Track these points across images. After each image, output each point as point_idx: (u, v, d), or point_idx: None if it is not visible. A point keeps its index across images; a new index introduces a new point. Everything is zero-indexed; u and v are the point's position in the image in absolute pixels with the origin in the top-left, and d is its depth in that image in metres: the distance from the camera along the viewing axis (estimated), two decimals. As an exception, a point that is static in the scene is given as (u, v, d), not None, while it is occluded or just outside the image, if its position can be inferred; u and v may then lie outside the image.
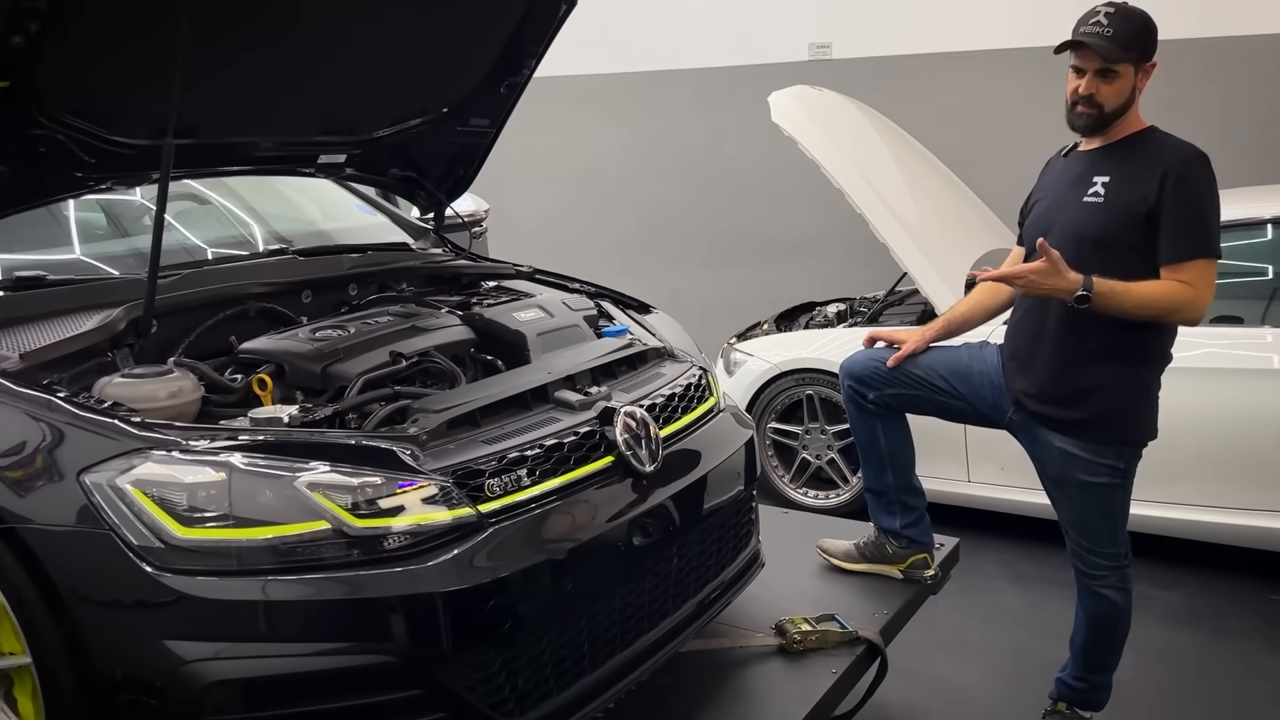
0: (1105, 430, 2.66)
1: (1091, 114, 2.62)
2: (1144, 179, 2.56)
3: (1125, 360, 2.64)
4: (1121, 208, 2.58)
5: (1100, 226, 2.60)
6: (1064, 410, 2.67)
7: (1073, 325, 2.64)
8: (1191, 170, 2.55)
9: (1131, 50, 2.56)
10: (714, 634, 2.72)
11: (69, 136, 2.39)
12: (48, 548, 1.94)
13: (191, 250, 3.03)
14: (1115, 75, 2.57)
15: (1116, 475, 2.69)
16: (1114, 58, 2.55)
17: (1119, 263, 2.58)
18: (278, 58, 2.65)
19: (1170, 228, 2.54)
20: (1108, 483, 2.69)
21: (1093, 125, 2.64)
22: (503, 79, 3.19)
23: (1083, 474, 2.68)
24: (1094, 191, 2.62)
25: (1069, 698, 2.93)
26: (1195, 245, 2.54)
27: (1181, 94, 5.40)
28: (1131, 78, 2.59)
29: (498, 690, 2.04)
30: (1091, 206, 2.63)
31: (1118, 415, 2.66)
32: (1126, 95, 2.60)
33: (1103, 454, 2.67)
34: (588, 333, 2.84)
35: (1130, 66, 2.58)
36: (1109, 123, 2.63)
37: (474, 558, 2.00)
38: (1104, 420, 2.66)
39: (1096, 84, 2.59)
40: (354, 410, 2.27)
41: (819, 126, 4.72)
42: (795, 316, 5.38)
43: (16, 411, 2.05)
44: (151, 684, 1.88)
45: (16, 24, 2.05)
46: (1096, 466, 2.67)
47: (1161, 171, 2.54)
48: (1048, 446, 2.75)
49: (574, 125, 7.55)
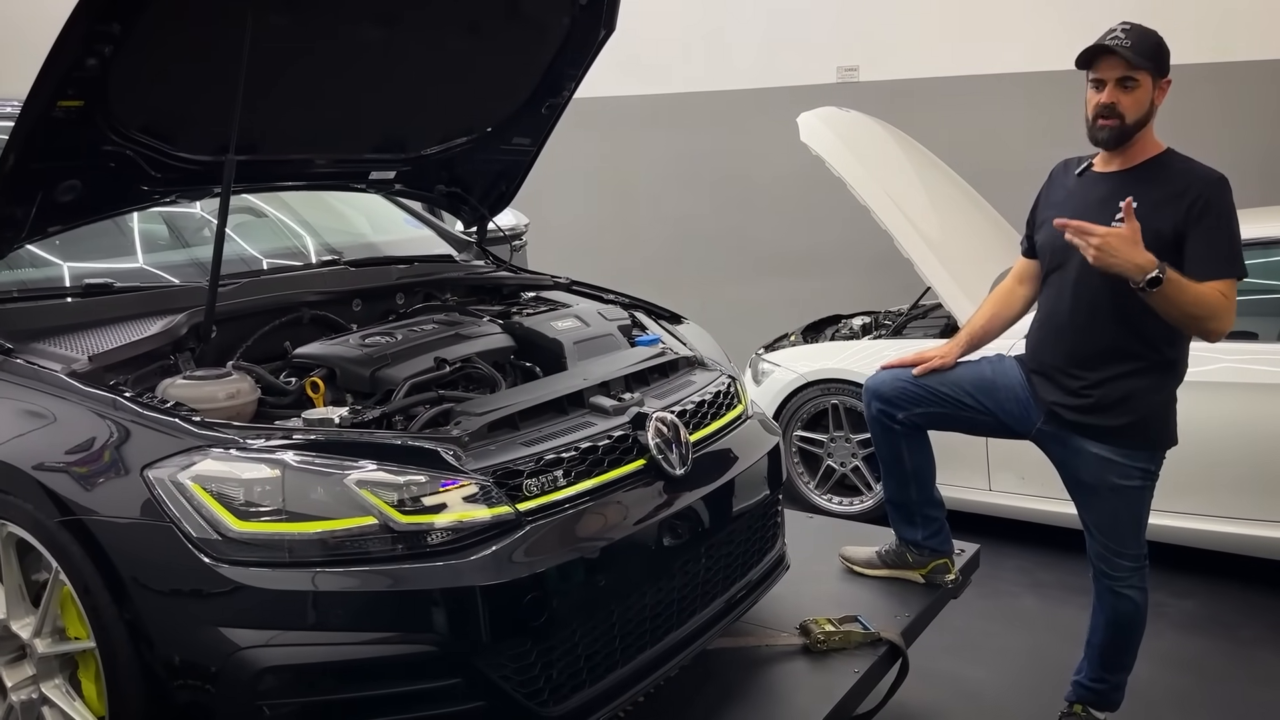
0: (1142, 435, 2.74)
1: (1113, 125, 2.67)
2: (1172, 204, 2.62)
3: (1161, 373, 2.74)
4: (1149, 232, 2.59)
5: None
6: (1104, 418, 2.73)
7: (1105, 345, 2.72)
8: (1218, 195, 2.62)
9: (1150, 60, 2.63)
10: (740, 633, 2.79)
11: (137, 152, 2.48)
12: (112, 538, 2.02)
13: (249, 260, 3.11)
14: (1135, 85, 2.64)
15: (1148, 478, 2.79)
16: (1135, 63, 2.61)
17: None
18: (333, 81, 2.74)
19: (1201, 249, 2.60)
20: (1140, 485, 2.78)
21: (1115, 137, 2.69)
22: (543, 100, 3.29)
23: (1117, 478, 2.75)
24: (1120, 217, 2.62)
25: (1086, 699, 2.98)
26: (1224, 265, 2.61)
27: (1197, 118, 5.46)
28: (1150, 89, 2.65)
29: (533, 680, 2.10)
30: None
31: (1152, 421, 2.74)
32: (1146, 107, 2.66)
33: (1136, 458, 2.75)
34: (621, 341, 2.91)
35: (1149, 77, 2.64)
36: (1130, 135, 2.68)
37: (512, 554, 2.06)
38: (1142, 426, 2.74)
39: (1117, 94, 2.65)
40: (400, 412, 2.35)
41: (846, 146, 4.79)
42: (822, 328, 5.46)
43: (85, 410, 2.14)
44: (207, 669, 1.94)
45: (92, 48, 2.14)
46: (1131, 470, 2.75)
47: (1190, 197, 2.61)
48: (1082, 453, 2.80)
49: (611, 144, 7.65)
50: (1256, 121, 6.05)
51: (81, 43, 2.13)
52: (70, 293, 2.61)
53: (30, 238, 2.47)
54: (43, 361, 2.29)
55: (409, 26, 2.74)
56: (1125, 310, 2.67)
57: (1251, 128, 6.04)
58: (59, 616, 2.20)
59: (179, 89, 2.47)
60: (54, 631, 2.22)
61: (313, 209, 3.60)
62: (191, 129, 2.56)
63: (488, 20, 2.91)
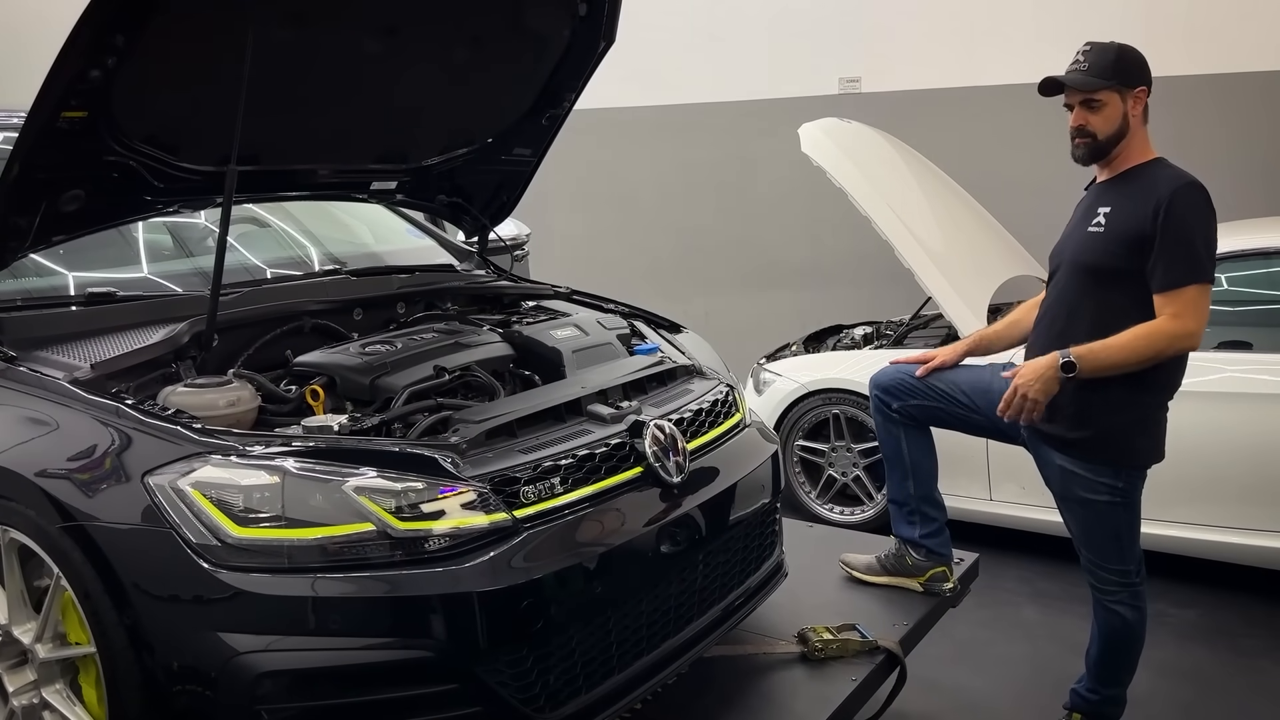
0: (1102, 450, 2.72)
1: (1086, 143, 2.74)
2: (1140, 208, 2.64)
3: (1125, 387, 2.69)
4: (1117, 236, 2.67)
5: (1098, 254, 2.70)
6: (1064, 429, 2.75)
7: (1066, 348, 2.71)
8: (1182, 198, 2.61)
9: (1111, 78, 2.67)
10: (738, 640, 2.81)
11: (140, 163, 2.50)
12: (113, 544, 2.03)
13: (251, 270, 3.13)
14: (1100, 104, 2.69)
15: (1117, 494, 2.75)
16: (1089, 87, 2.68)
17: (1117, 289, 2.67)
18: (335, 92, 2.77)
19: (1163, 256, 2.60)
20: (1108, 501, 2.75)
21: (1089, 154, 2.75)
22: (544, 111, 3.31)
23: (1082, 491, 2.76)
24: (1097, 222, 2.72)
25: (1083, 709, 2.98)
26: (1186, 272, 2.60)
27: (1191, 129, 5.50)
28: (1119, 105, 2.69)
29: (530, 686, 2.12)
30: (1093, 236, 2.73)
31: (1115, 438, 2.72)
32: (1118, 122, 2.70)
33: (1100, 473, 2.73)
34: (620, 350, 2.93)
35: (1114, 94, 2.68)
36: (1107, 150, 2.73)
37: (509, 560, 2.08)
38: (1101, 441, 2.72)
39: (1085, 115, 2.72)
40: (399, 420, 2.36)
41: (847, 157, 4.82)
42: (823, 339, 5.47)
43: (87, 417, 2.16)
44: (206, 674, 1.96)
45: (95, 59, 2.17)
46: (1095, 484, 2.74)
47: (1155, 200, 2.62)
48: (1050, 464, 2.83)
49: (612, 155, 7.69)
50: (1257, 133, 6.06)
51: (85, 54, 2.16)
52: (73, 302, 2.63)
53: (34, 247, 2.49)
54: (46, 369, 2.31)
55: (410, 38, 2.76)
56: (1099, 318, 2.70)
57: (1252, 139, 6.05)
58: (60, 622, 2.22)
59: (182, 100, 2.49)
60: (55, 637, 2.23)
61: (316, 219, 3.62)
62: (194, 140, 2.58)
63: (489, 32, 2.94)
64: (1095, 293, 2.66)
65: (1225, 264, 4.14)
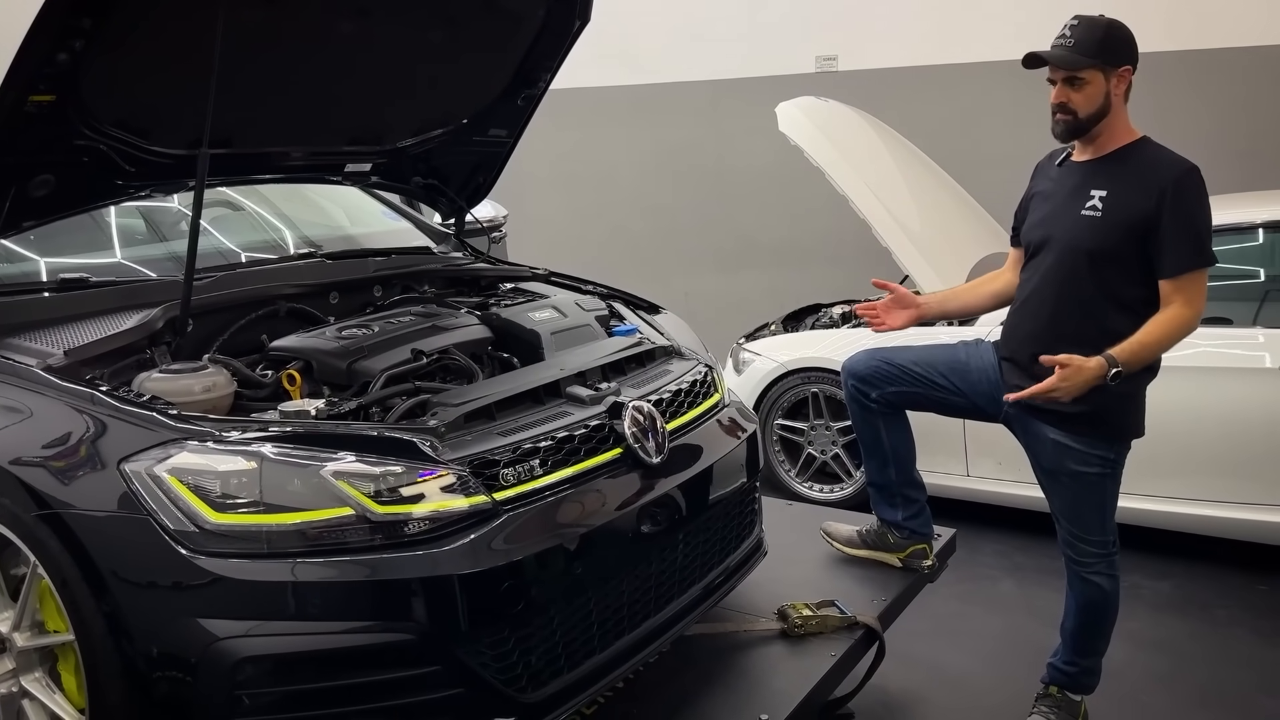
0: (1097, 425, 2.74)
1: (1067, 120, 2.72)
2: (1142, 194, 2.65)
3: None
4: (1119, 222, 2.66)
5: (1098, 240, 2.69)
6: (1063, 405, 2.73)
7: (1068, 334, 2.73)
8: (1188, 185, 2.63)
9: (1096, 56, 2.66)
10: (719, 618, 2.83)
11: (111, 147, 2.48)
12: (90, 532, 2.03)
13: (225, 254, 3.11)
14: (1083, 82, 2.68)
15: (1107, 465, 2.79)
16: (1073, 65, 2.66)
17: (1115, 273, 2.68)
18: (308, 73, 2.75)
19: (1171, 243, 2.62)
20: (1099, 472, 2.79)
21: (1070, 131, 2.75)
22: (519, 91, 3.30)
23: (1075, 464, 2.78)
24: (1092, 205, 2.70)
25: (1060, 681, 3.02)
26: (1194, 259, 2.64)
27: (1170, 105, 5.52)
28: (1102, 84, 2.68)
29: (511, 667, 2.13)
30: (1089, 220, 2.71)
31: (1110, 412, 2.74)
32: (1100, 101, 2.69)
33: (1094, 445, 2.76)
34: (599, 332, 2.93)
35: (1098, 73, 2.67)
36: (1086, 128, 2.73)
37: (489, 542, 2.08)
38: (1096, 416, 2.74)
39: (1067, 92, 2.70)
40: (377, 404, 2.35)
41: (824, 135, 4.82)
42: (802, 318, 5.49)
43: (61, 404, 2.15)
44: (186, 660, 1.96)
45: (63, 42, 2.15)
46: (1088, 457, 2.77)
47: (1160, 188, 2.62)
48: (1042, 439, 2.84)
49: (589, 135, 7.68)
50: (1231, 108, 6.10)
51: (52, 37, 2.14)
52: (45, 288, 2.61)
53: (3, 233, 2.46)
54: (18, 357, 2.29)
55: (383, 19, 2.75)
56: (1092, 303, 2.72)
57: (1226, 114, 6.09)
58: (38, 610, 2.21)
59: (152, 83, 2.47)
60: (33, 625, 2.22)
61: (290, 202, 3.60)
62: (165, 123, 2.56)
63: (462, 12, 2.93)
64: (1090, 275, 2.66)
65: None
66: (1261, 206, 4.30)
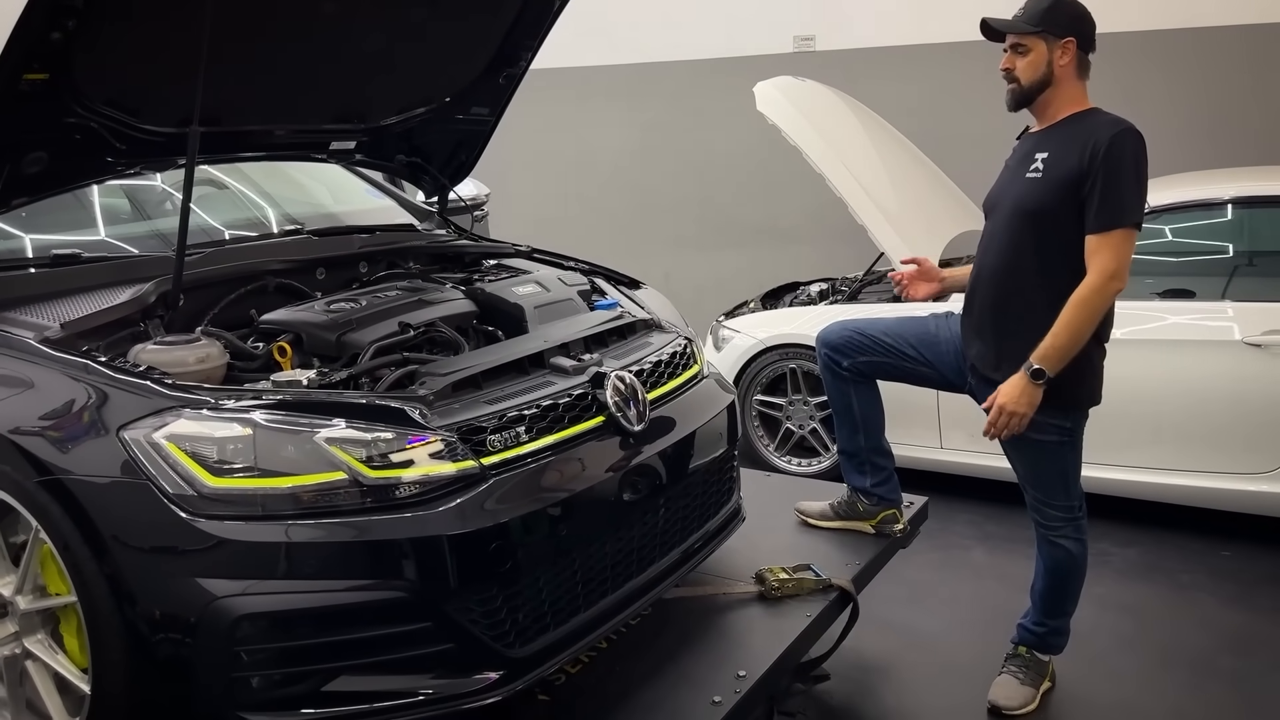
0: (1052, 395, 2.81)
1: (1012, 88, 2.83)
2: (1078, 153, 2.72)
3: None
4: (1055, 180, 2.75)
5: (1037, 199, 2.78)
6: (1012, 373, 2.83)
7: (1017, 301, 2.83)
8: (1116, 143, 2.69)
9: (1039, 24, 2.75)
10: (698, 582, 2.91)
11: (101, 125, 2.52)
12: (91, 497, 2.08)
13: (210, 232, 3.15)
14: (1026, 50, 2.79)
15: (1064, 434, 2.88)
16: (1014, 30, 2.78)
17: (1055, 232, 2.76)
18: (293, 51, 2.79)
19: (1096, 198, 2.69)
20: (1056, 440, 2.88)
21: (1014, 100, 2.85)
22: (501, 70, 3.34)
23: (1034, 434, 2.86)
24: (1035, 168, 2.81)
25: (1029, 642, 3.13)
26: (1117, 215, 2.68)
27: (1137, 84, 5.61)
28: (1044, 52, 2.77)
29: (499, 624, 2.20)
30: (1032, 182, 2.81)
31: (1064, 382, 2.80)
32: (1041, 69, 2.78)
33: (1050, 415, 2.84)
34: (581, 305, 2.99)
35: (1040, 41, 2.77)
36: (1031, 97, 2.82)
37: (477, 505, 2.15)
38: (1051, 386, 2.80)
39: (1013, 59, 2.81)
40: (367, 374, 2.42)
41: (801, 115, 4.88)
42: (780, 295, 5.57)
43: (60, 375, 2.20)
44: (186, 619, 2.01)
45: (55, 21, 2.18)
46: (1046, 427, 2.85)
47: (1093, 144, 2.70)
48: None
49: (570, 115, 7.70)
50: (1203, 87, 6.20)
51: (45, 16, 2.18)
52: (38, 263, 2.66)
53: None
54: (15, 330, 2.34)
55: (367, -3, 2.79)
56: (1038, 267, 2.80)
57: (1198, 93, 6.19)
58: (39, 574, 2.27)
59: (142, 62, 2.51)
60: (35, 589, 2.28)
61: (273, 180, 3.64)
62: (155, 101, 2.60)
63: (444, -10, 2.97)
64: (1034, 237, 2.75)
65: (1169, 215, 4.29)
66: (1230, 183, 4.40)
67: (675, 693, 2.46)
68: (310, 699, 2.07)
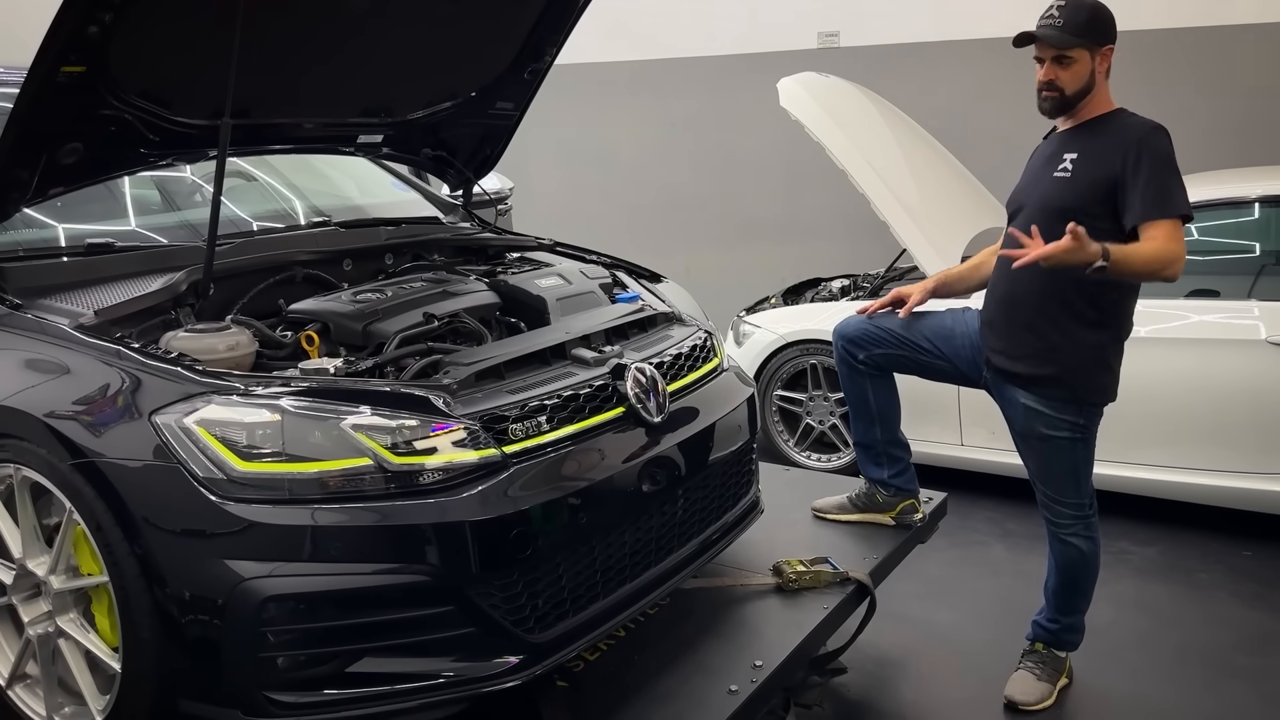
0: (1064, 388, 2.83)
1: (1054, 97, 2.83)
2: (1110, 154, 2.74)
3: (1087, 327, 2.82)
4: (1087, 180, 2.77)
5: (1067, 199, 2.79)
6: (1028, 367, 2.86)
7: (1038, 298, 2.83)
8: (1152, 141, 2.72)
9: (1083, 36, 2.76)
10: (716, 573, 2.94)
11: (136, 116, 2.57)
12: (123, 479, 2.14)
13: (239, 223, 3.19)
14: (1071, 60, 2.78)
15: (1077, 430, 2.89)
16: (1064, 44, 2.77)
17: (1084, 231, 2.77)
18: (322, 46, 2.83)
19: (1137, 193, 2.70)
20: (1068, 437, 2.89)
21: (1056, 108, 2.85)
22: (526, 65, 3.37)
23: (1044, 428, 2.87)
24: (1063, 167, 2.82)
25: (1043, 638, 3.15)
26: (1164, 206, 2.69)
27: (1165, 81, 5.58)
28: (1088, 62, 2.79)
29: (520, 609, 2.23)
30: (1060, 181, 2.82)
31: (1076, 375, 2.83)
32: (1085, 79, 2.80)
33: (1063, 410, 2.85)
34: (602, 298, 3.02)
35: (1085, 51, 2.78)
36: (1072, 105, 2.83)
37: (498, 492, 2.19)
38: (1063, 379, 2.84)
39: (1055, 70, 2.81)
40: (392, 363, 2.46)
41: (824, 111, 4.90)
42: (802, 291, 5.59)
43: (94, 360, 2.26)
44: (214, 599, 2.07)
45: (92, 15, 2.23)
46: (1057, 422, 2.87)
47: (1125, 146, 2.72)
48: (1014, 403, 2.94)
49: (594, 110, 7.72)
50: (1229, 85, 6.17)
51: (83, 10, 2.22)
52: (73, 252, 2.71)
53: (34, 199, 2.56)
54: (50, 316, 2.40)
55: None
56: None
57: (1225, 91, 6.16)
58: (72, 555, 2.33)
59: (175, 54, 2.55)
60: (68, 569, 2.35)
61: (300, 173, 3.68)
62: (188, 94, 2.64)
63: (471, -15, 3.00)
64: (1059, 235, 2.76)
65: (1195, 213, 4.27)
66: (1257, 182, 4.38)
67: (692, 681, 2.49)
68: (334, 680, 2.12)
